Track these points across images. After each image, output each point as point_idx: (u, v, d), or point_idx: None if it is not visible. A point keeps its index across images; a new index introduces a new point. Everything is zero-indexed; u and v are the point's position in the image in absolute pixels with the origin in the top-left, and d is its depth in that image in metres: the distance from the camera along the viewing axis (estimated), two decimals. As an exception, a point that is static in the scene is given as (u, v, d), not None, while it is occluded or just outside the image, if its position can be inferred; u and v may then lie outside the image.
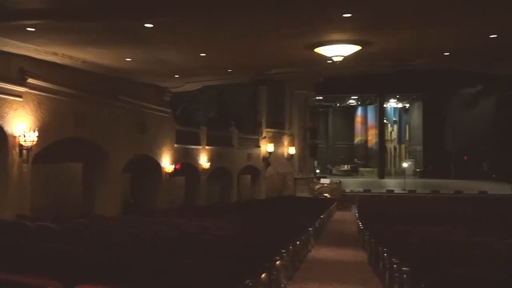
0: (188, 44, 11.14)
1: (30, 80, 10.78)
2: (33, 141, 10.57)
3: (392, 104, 41.11)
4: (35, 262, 4.99)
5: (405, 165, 35.57)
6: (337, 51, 11.23)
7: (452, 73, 24.67)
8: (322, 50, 11.27)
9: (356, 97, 39.24)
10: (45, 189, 12.83)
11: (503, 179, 26.40)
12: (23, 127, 10.55)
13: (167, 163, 16.93)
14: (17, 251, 5.48)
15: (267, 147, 24.53)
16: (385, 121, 39.10)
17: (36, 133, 10.63)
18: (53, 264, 4.85)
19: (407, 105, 41.70)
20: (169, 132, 17.30)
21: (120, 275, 4.63)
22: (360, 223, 13.48)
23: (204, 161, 19.43)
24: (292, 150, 27.25)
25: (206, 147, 19.73)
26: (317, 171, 33.41)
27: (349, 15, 8.46)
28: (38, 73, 11.06)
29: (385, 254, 7.09)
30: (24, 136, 10.44)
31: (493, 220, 12.09)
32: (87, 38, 9.95)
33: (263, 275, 5.42)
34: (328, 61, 12.44)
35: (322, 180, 28.27)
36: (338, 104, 40.92)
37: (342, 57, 11.53)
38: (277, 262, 6.29)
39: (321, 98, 35.39)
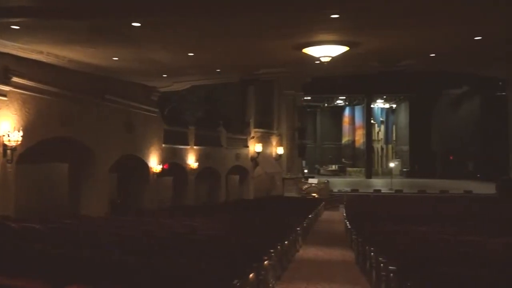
0: (176, 44, 11.09)
1: (14, 79, 10.61)
2: (18, 141, 10.40)
3: (379, 104, 41.47)
4: (20, 264, 4.91)
5: (392, 165, 35.91)
6: (325, 52, 11.30)
7: (438, 74, 24.98)
8: (310, 51, 11.33)
9: (344, 98, 39.49)
10: (30, 190, 12.64)
11: (488, 178, 26.79)
12: (7, 126, 10.37)
13: (154, 163, 16.82)
14: (1, 253, 5.38)
15: (255, 147, 24.53)
16: (372, 121, 39.42)
17: (21, 133, 10.47)
18: (40, 266, 4.78)
19: (394, 106, 42.11)
20: (157, 132, 17.19)
21: (108, 275, 4.59)
22: (347, 222, 13.56)
23: (192, 161, 19.35)
24: (280, 150, 27.29)
25: (194, 147, 19.66)
26: (305, 171, 33.51)
27: (336, 16, 8.52)
28: (23, 71, 10.88)
29: (372, 254, 7.15)
30: (8, 136, 10.26)
31: (479, 219, 12.26)
32: (73, 36, 9.82)
33: (251, 275, 5.42)
34: (316, 62, 12.50)
35: (310, 180, 28.36)
36: (326, 104, 41.12)
37: (330, 58, 11.60)
38: (265, 262, 6.29)
39: (309, 98, 35.50)
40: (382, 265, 6.18)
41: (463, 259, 5.71)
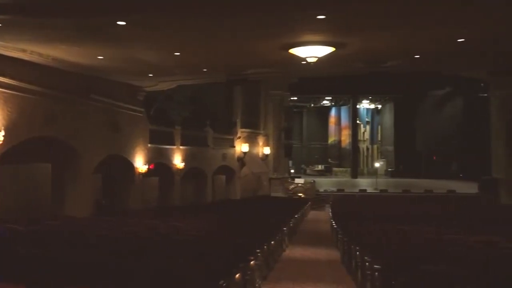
0: (162, 43, 11.01)
1: (-4, 78, 10.43)
2: None
3: (364, 105, 41.83)
4: (2, 267, 4.82)
5: (377, 165, 36.27)
6: (311, 52, 11.36)
7: (423, 75, 25.30)
8: (296, 51, 11.37)
9: (330, 98, 39.75)
10: (13, 190, 12.42)
11: (470, 178, 27.27)
12: (-11, 126, 10.19)
13: (140, 163, 16.68)
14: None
15: (242, 147, 24.51)
16: (358, 121, 39.76)
17: (2, 133, 10.29)
18: (22, 269, 4.70)
19: (379, 106, 42.53)
20: (142, 132, 17.05)
21: (93, 277, 4.54)
22: (333, 222, 13.65)
23: (178, 161, 19.25)
24: (267, 150, 27.33)
25: (181, 147, 19.55)
26: (292, 171, 33.61)
27: (323, 16, 8.56)
28: (4, 70, 10.68)
29: (358, 253, 7.20)
30: (-10, 136, 10.08)
31: (462, 218, 12.47)
32: (57, 35, 9.67)
33: (237, 275, 5.41)
34: (303, 62, 12.55)
35: (297, 180, 28.47)
36: (312, 105, 41.30)
37: (316, 58, 11.66)
38: (252, 262, 6.30)
39: (295, 98, 35.62)
40: (367, 264, 6.24)
41: (446, 258, 5.80)
